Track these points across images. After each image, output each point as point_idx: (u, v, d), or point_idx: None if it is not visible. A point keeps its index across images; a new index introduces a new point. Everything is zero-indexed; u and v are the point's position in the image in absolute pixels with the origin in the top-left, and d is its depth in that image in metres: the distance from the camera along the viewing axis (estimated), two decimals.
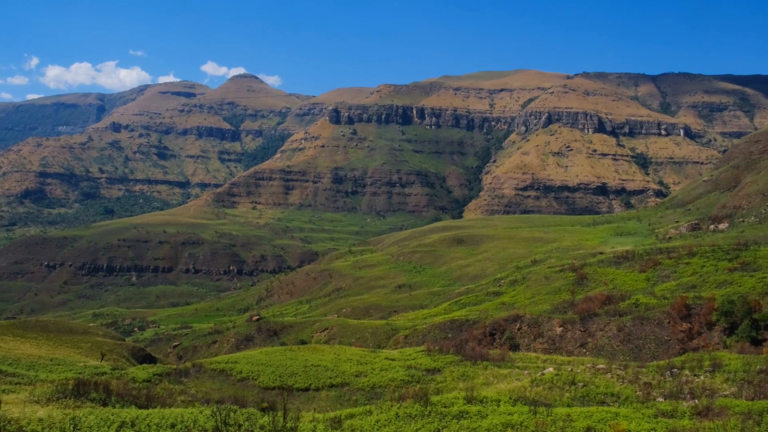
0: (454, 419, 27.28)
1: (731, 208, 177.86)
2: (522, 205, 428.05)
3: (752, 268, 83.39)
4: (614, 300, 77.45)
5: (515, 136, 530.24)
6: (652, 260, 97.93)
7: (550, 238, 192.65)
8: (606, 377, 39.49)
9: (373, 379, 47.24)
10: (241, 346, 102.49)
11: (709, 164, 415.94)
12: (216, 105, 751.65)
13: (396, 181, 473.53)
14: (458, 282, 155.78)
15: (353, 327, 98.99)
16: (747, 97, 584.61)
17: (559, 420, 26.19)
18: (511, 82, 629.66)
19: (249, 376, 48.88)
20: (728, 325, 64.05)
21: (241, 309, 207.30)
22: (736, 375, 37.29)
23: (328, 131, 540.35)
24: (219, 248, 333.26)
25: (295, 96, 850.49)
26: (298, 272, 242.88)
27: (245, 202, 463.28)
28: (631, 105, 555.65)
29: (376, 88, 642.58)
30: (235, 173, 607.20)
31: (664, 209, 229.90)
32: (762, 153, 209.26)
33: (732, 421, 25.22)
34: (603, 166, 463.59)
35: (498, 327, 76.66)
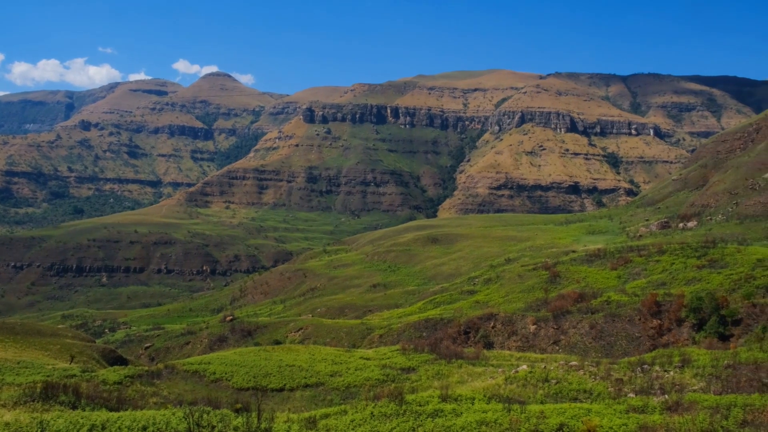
0: (429, 418, 27.33)
1: (699, 206, 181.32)
2: (496, 204, 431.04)
3: (720, 265, 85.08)
4: (586, 298, 78.45)
5: (489, 135, 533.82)
6: (623, 258, 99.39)
7: (523, 237, 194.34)
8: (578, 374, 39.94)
9: (348, 378, 47.14)
10: (215, 347, 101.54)
11: (678, 163, 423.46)
12: (188, 103, 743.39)
13: (370, 180, 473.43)
14: (433, 281, 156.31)
15: (328, 327, 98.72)
16: (714, 97, 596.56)
17: (533, 417, 26.40)
18: (485, 81, 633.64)
19: (222, 377, 48.43)
20: (697, 321, 65.28)
21: (214, 309, 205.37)
22: (704, 370, 37.99)
23: (302, 130, 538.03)
24: (192, 248, 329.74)
25: (269, 95, 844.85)
26: (273, 272, 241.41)
27: (218, 202, 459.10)
28: (602, 105, 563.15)
29: (351, 87, 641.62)
30: (208, 172, 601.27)
31: (634, 208, 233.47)
32: (729, 152, 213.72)
33: (701, 415, 25.66)
34: (575, 165, 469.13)
35: (472, 325, 77.10)
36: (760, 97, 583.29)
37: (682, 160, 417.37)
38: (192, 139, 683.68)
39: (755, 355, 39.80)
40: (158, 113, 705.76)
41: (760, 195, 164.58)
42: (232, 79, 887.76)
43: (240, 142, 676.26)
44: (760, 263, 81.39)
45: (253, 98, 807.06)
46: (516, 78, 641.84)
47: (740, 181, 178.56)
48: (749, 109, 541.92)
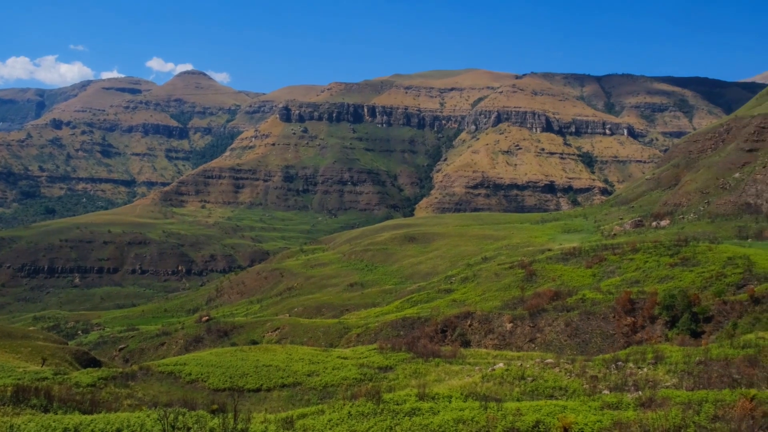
0: (407, 416, 27.37)
1: (672, 205, 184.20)
2: (472, 203, 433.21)
3: (692, 263, 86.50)
4: (562, 296, 79.21)
5: (465, 134, 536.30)
6: (598, 256, 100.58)
7: (499, 236, 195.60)
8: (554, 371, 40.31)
9: (325, 378, 47.04)
10: (191, 348, 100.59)
11: (651, 163, 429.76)
12: (163, 102, 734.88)
13: (347, 179, 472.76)
14: (410, 280, 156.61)
15: (305, 326, 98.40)
16: (686, 98, 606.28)
17: (509, 414, 26.58)
18: (461, 81, 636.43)
19: (198, 377, 48.01)
20: (670, 318, 66.28)
21: (190, 310, 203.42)
22: (677, 366, 38.58)
23: (278, 129, 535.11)
24: (167, 248, 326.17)
25: (245, 93, 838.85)
26: (249, 272, 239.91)
27: (194, 201, 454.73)
28: (577, 105, 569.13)
29: (327, 86, 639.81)
30: (183, 171, 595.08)
31: (609, 207, 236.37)
32: (700, 152, 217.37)
33: (673, 411, 26.05)
34: (551, 164, 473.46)
35: (449, 324, 77.42)
36: (730, 98, 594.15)
37: (655, 160, 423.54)
38: (167, 138, 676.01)
39: (726, 351, 40.52)
40: (132, 112, 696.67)
41: (730, 194, 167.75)
42: (208, 78, 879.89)
43: (216, 141, 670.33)
44: (731, 261, 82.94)
45: (229, 97, 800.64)
46: (492, 78, 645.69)
47: (711, 181, 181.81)
48: (720, 110, 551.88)
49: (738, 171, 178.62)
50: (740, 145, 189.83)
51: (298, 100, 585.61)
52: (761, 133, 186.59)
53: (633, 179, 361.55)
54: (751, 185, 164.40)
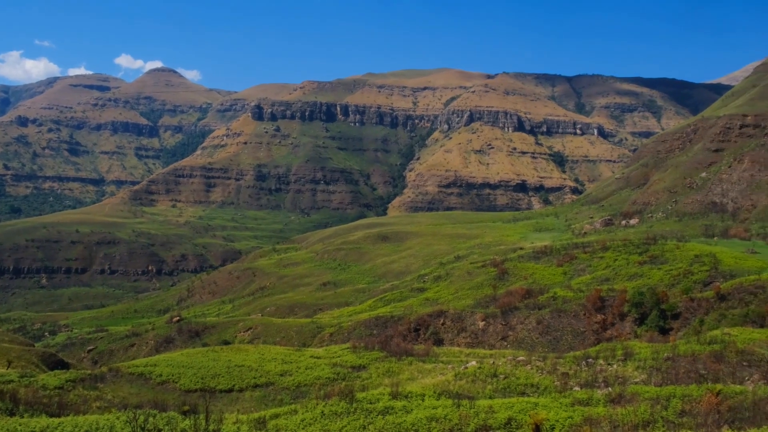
0: (380, 415, 27.38)
1: (641, 204, 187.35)
2: (445, 202, 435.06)
3: (660, 261, 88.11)
4: (534, 294, 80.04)
5: (438, 134, 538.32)
6: (569, 255, 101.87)
7: (472, 235, 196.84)
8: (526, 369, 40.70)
9: (298, 377, 46.85)
10: (161, 349, 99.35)
11: (621, 163, 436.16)
12: (132, 99, 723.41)
13: (320, 178, 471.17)
14: (383, 279, 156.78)
15: (278, 326, 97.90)
16: (654, 99, 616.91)
17: (482, 412, 26.75)
18: (434, 80, 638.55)
19: (169, 379, 47.45)
20: (639, 315, 67.42)
21: (160, 310, 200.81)
22: (645, 363, 39.26)
23: (250, 128, 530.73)
24: (137, 248, 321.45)
25: (216, 91, 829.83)
26: (221, 271, 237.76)
27: (164, 200, 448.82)
28: (548, 105, 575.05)
29: (300, 84, 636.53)
30: (153, 170, 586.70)
31: (579, 206, 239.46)
32: (668, 152, 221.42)
33: (642, 406, 26.48)
34: (522, 164, 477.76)
35: (422, 322, 77.68)
36: (697, 99, 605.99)
37: (624, 160, 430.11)
38: (136, 136, 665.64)
39: (693, 347, 41.36)
40: (100, 109, 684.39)
41: (697, 193, 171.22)
42: (178, 75, 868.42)
43: (186, 140, 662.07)
44: (698, 259, 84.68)
45: (200, 95, 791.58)
46: (464, 77, 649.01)
47: (679, 180, 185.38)
48: (687, 111, 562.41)
49: (705, 170, 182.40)
50: (707, 145, 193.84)
51: (271, 99, 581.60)
52: (727, 134, 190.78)
53: (603, 179, 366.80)
54: (717, 184, 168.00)
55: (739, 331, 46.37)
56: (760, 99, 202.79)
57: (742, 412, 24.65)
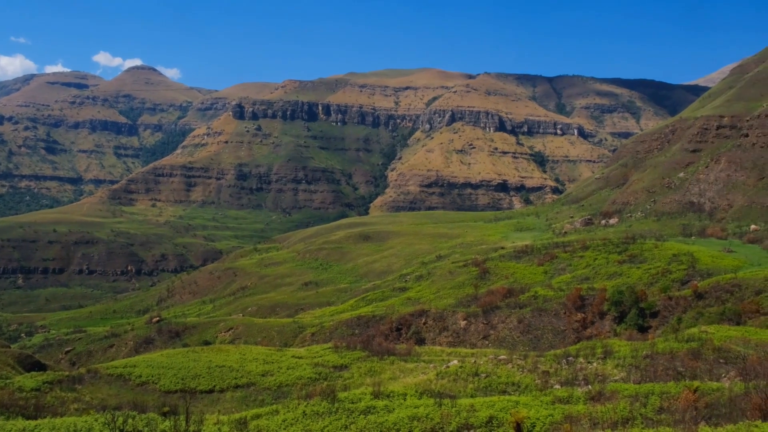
0: (362, 415, 27.36)
1: (620, 204, 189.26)
2: (427, 201, 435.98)
3: (639, 260, 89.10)
4: (515, 293, 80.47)
5: (420, 133, 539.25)
6: (550, 254, 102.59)
7: (454, 234, 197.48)
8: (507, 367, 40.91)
9: (279, 378, 46.66)
10: (141, 350, 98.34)
11: (601, 163, 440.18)
12: (111, 97, 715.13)
13: (302, 178, 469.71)
14: (365, 278, 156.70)
15: (259, 326, 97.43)
16: (633, 100, 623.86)
17: (463, 411, 26.84)
18: (416, 80, 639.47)
19: (149, 380, 47.00)
20: (618, 314, 68.11)
21: (140, 311, 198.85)
22: (625, 361, 39.67)
23: (231, 126, 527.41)
24: (116, 247, 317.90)
25: (197, 90, 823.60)
26: (201, 271, 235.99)
27: (144, 200, 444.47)
28: (529, 105, 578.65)
29: (281, 83, 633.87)
30: (132, 169, 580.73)
31: (560, 205, 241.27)
32: (647, 152, 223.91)
33: (621, 404, 26.75)
34: (504, 163, 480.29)
35: (404, 322, 77.74)
36: (676, 100, 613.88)
37: (604, 160, 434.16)
38: (115, 135, 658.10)
39: (671, 345, 41.88)
40: (78, 107, 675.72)
41: (675, 193, 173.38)
42: (158, 73, 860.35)
43: (166, 138, 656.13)
44: (676, 258, 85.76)
45: (180, 93, 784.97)
46: (446, 77, 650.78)
47: (657, 180, 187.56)
48: (665, 112, 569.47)
49: (682, 171, 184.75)
50: (684, 145, 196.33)
51: (252, 98, 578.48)
52: (704, 135, 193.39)
53: (583, 178, 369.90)
54: (695, 184, 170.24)
55: (716, 329, 47.03)
56: (736, 100, 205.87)
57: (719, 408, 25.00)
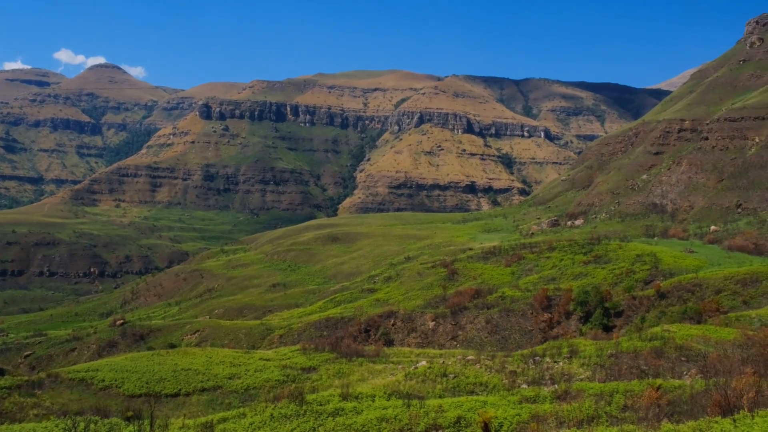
0: (330, 417, 27.21)
1: (586, 205, 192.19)
2: (395, 203, 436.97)
3: (604, 260, 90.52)
4: (483, 294, 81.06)
5: (389, 135, 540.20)
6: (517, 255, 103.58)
7: (422, 235, 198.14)
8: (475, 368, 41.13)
9: (247, 380, 46.18)
10: (104, 353, 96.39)
11: (567, 165, 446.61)
12: (74, 95, 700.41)
13: (270, 178, 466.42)
14: (333, 280, 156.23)
15: (226, 328, 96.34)
16: (598, 103, 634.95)
17: (432, 411, 26.87)
18: (385, 82, 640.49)
19: (112, 384, 46.07)
20: (584, 313, 69.10)
21: (103, 313, 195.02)
22: (590, 360, 40.21)
23: (198, 126, 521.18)
24: (78, 249, 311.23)
25: (162, 89, 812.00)
26: (167, 273, 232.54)
27: (108, 200, 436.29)
28: (496, 107, 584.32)
29: (249, 83, 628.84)
30: (96, 169, 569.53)
31: (527, 207, 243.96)
32: (611, 155, 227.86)
33: (587, 402, 27.07)
34: (472, 165, 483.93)
35: (373, 323, 77.71)
36: (639, 103, 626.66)
37: (570, 162, 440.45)
38: (78, 134, 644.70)
39: (635, 344, 42.61)
40: (39, 105, 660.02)
41: (638, 195, 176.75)
42: (122, 72, 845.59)
43: (131, 138, 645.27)
44: (639, 258, 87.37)
45: (145, 92, 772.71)
46: (414, 79, 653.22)
47: (621, 182, 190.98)
48: (629, 115, 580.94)
49: (645, 173, 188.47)
50: (647, 148, 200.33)
51: (219, 98, 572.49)
52: (666, 137, 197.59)
53: (549, 180, 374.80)
54: (657, 186, 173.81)
55: (678, 327, 48.00)
56: (696, 104, 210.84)
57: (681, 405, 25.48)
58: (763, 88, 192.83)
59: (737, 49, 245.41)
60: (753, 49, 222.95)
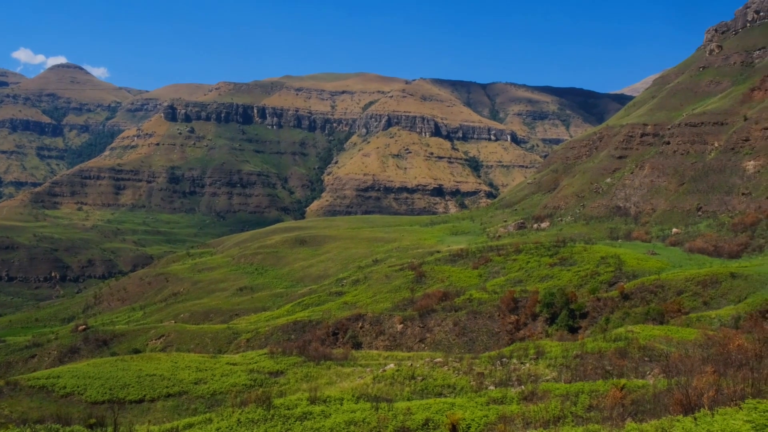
0: (298, 421, 27.03)
1: (551, 208, 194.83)
2: (363, 205, 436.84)
3: (569, 262, 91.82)
4: (450, 296, 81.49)
5: (356, 137, 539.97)
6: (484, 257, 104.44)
7: (390, 238, 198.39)
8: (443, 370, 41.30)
9: (213, 385, 45.61)
10: (65, 359, 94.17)
11: (533, 168, 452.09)
12: (34, 96, 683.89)
13: (237, 181, 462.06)
14: (301, 283, 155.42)
15: (192, 332, 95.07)
16: (564, 107, 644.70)
17: (400, 414, 26.89)
18: (352, 84, 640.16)
19: (74, 391, 45.02)
20: (550, 315, 69.97)
21: (65, 319, 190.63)
22: (556, 361, 40.71)
23: (163, 128, 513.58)
24: (38, 253, 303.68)
25: (126, 90, 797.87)
26: (131, 277, 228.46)
27: (69, 203, 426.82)
28: (464, 111, 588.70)
29: (215, 85, 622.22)
30: (57, 171, 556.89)
31: (494, 209, 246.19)
32: (576, 159, 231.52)
33: (553, 403, 27.39)
34: (439, 168, 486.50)
35: (341, 326, 77.51)
36: (602, 108, 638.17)
37: (536, 165, 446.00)
38: (38, 135, 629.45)
39: (599, 345, 43.30)
40: None
41: (602, 198, 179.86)
42: (84, 72, 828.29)
43: (94, 140, 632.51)
44: (604, 260, 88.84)
45: (109, 93, 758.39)
46: (382, 82, 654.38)
47: (586, 185, 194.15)
48: (593, 119, 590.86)
49: (609, 176, 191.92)
50: (611, 152, 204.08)
51: (185, 99, 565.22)
52: (629, 142, 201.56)
53: (516, 183, 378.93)
54: (621, 190, 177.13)
55: (641, 328, 48.94)
56: (658, 109, 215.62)
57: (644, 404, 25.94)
58: (721, 94, 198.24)
59: (697, 56, 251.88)
60: (712, 57, 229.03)
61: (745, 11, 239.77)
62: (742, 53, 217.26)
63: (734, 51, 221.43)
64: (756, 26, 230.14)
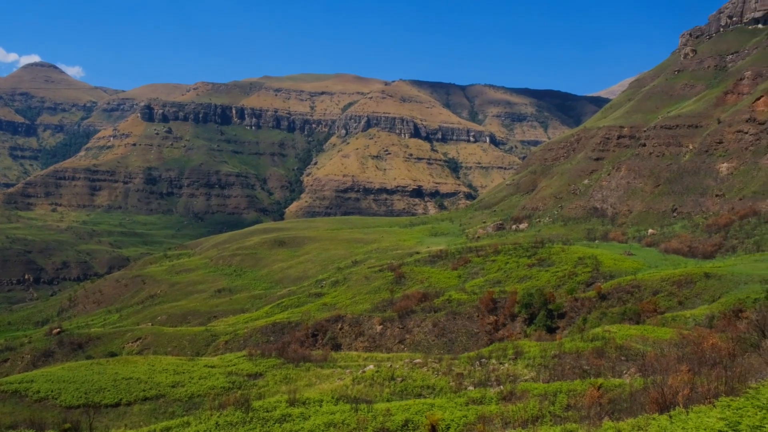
0: (277, 423, 26.90)
1: (530, 209, 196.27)
2: (343, 206, 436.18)
3: (547, 263, 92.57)
4: (430, 297, 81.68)
5: (336, 138, 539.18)
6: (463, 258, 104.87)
7: (369, 239, 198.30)
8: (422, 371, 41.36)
9: (191, 388, 45.20)
10: (39, 363, 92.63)
11: (511, 170, 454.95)
12: (6, 95, 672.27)
13: (215, 182, 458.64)
14: (280, 284, 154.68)
15: (169, 335, 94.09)
16: (542, 109, 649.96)
17: (380, 415, 26.88)
18: (332, 85, 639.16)
19: (49, 395, 44.32)
20: (528, 315, 70.46)
21: (38, 322, 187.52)
22: (534, 361, 41.00)
23: (140, 129, 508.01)
24: (11, 255, 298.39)
25: (102, 89, 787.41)
26: (107, 279, 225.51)
27: (43, 204, 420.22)
28: (443, 112, 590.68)
29: (193, 85, 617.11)
30: (30, 172, 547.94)
31: (473, 211, 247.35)
32: (554, 160, 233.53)
33: (531, 402, 27.58)
34: (419, 169, 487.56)
35: (320, 328, 77.30)
36: (580, 110, 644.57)
37: (514, 167, 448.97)
38: (11, 135, 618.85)
39: (577, 344, 43.69)
40: None
41: (580, 199, 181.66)
42: (59, 71, 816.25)
43: (69, 140, 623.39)
44: (581, 261, 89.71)
45: (84, 92, 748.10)
46: (362, 83, 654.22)
47: (564, 187, 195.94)
48: (571, 121, 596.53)
49: (587, 178, 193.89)
50: (588, 154, 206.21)
51: (162, 99, 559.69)
52: (606, 144, 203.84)
53: (495, 185, 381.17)
54: (598, 191, 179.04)
55: (618, 328, 49.49)
56: (634, 112, 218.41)
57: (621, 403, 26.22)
58: (696, 97, 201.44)
59: (672, 59, 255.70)
60: (687, 60, 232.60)
61: (718, 16, 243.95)
62: (715, 57, 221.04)
63: (708, 55, 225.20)
64: (729, 31, 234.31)
